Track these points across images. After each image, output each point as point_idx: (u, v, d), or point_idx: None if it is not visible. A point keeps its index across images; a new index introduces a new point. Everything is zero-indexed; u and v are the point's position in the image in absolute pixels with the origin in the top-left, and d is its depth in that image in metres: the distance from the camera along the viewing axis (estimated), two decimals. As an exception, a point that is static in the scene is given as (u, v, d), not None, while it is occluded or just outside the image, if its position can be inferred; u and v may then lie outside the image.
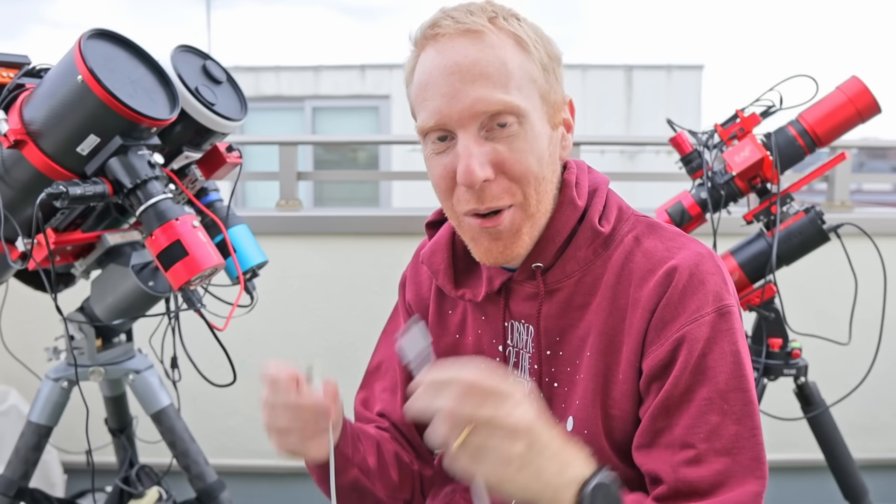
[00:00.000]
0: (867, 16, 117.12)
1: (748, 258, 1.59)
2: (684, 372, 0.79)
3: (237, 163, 1.42)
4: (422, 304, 1.03)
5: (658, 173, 2.62)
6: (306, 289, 2.28)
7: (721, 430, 0.78)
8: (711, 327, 0.80)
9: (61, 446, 1.81)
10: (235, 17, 18.53)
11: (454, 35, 0.79)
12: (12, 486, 1.42)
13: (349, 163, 8.06)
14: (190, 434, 1.49)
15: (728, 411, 0.79)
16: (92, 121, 1.10)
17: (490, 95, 0.78)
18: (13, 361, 1.56)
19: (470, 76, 0.78)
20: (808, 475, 2.14)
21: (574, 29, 26.36)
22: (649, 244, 0.86)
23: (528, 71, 0.81)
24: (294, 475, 2.29)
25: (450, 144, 0.81)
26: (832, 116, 1.53)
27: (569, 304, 0.88)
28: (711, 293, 0.81)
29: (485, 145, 0.80)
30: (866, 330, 1.63)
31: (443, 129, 0.80)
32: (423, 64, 0.82)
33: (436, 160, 0.83)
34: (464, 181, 0.79)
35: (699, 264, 0.82)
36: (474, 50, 0.78)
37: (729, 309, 0.81)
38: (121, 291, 1.35)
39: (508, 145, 0.80)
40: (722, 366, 0.79)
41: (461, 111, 0.78)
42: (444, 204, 0.87)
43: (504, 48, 0.79)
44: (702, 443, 0.78)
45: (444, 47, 0.80)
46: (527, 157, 0.81)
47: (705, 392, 0.79)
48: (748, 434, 0.79)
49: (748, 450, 0.79)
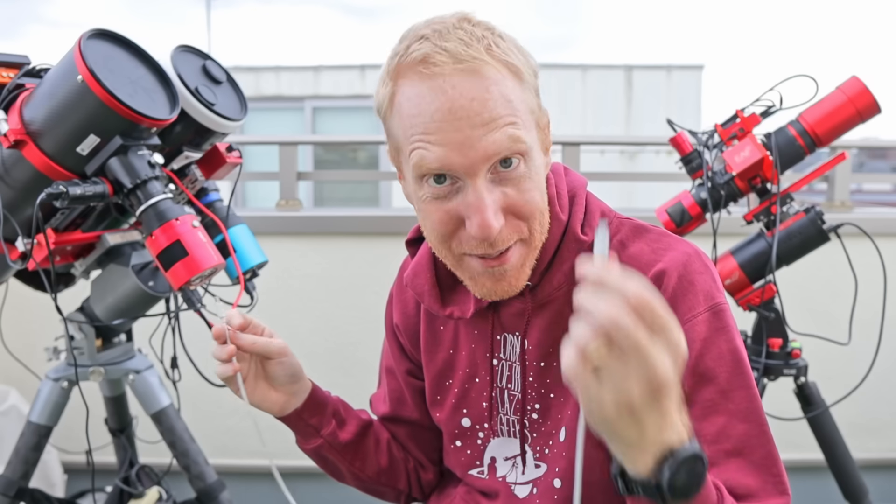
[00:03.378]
0: (867, 16, 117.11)
1: (748, 258, 1.59)
2: (685, 375, 0.75)
3: (237, 163, 1.42)
4: (409, 322, 1.01)
5: (658, 173, 2.61)
6: (306, 289, 2.28)
7: (728, 430, 0.77)
8: (706, 326, 0.79)
9: (61, 446, 1.81)
10: (235, 17, 18.55)
11: (452, 74, 0.73)
12: (12, 486, 1.42)
13: (349, 163, 8.06)
14: (190, 434, 1.49)
15: (734, 410, 0.77)
16: (92, 121, 1.10)
17: (502, 140, 0.73)
18: (13, 361, 1.56)
19: (480, 121, 0.72)
20: (808, 475, 2.14)
21: (574, 29, 26.38)
22: (634, 248, 0.85)
23: (527, 102, 0.77)
24: (294, 475, 2.29)
25: (451, 188, 0.76)
26: (832, 116, 1.53)
27: (560, 315, 0.87)
28: (702, 293, 0.80)
29: (494, 191, 0.76)
30: (866, 330, 1.63)
31: (447, 171, 0.75)
32: (418, 101, 0.74)
33: (435, 205, 0.78)
34: (481, 235, 0.75)
35: (687, 265, 0.81)
36: (479, 90, 0.73)
37: (721, 307, 0.80)
38: (121, 291, 1.35)
39: (516, 186, 0.76)
40: (721, 365, 0.78)
41: (474, 160, 0.73)
42: (439, 247, 0.82)
43: (504, 83, 0.74)
44: (709, 445, 0.76)
45: (443, 87, 0.73)
46: (534, 195, 0.78)
47: (707, 394, 0.78)
48: (757, 431, 0.78)
49: (759, 447, 0.77)
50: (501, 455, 0.95)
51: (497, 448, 0.95)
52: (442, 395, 0.98)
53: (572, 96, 8.62)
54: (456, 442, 0.98)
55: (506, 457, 0.94)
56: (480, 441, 0.96)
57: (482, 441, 0.96)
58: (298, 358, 0.97)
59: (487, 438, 0.95)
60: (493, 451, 0.95)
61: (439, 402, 0.99)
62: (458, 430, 0.97)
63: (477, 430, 0.96)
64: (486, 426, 0.95)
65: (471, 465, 0.97)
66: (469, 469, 0.98)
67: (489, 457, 0.96)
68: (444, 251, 0.82)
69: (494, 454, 0.95)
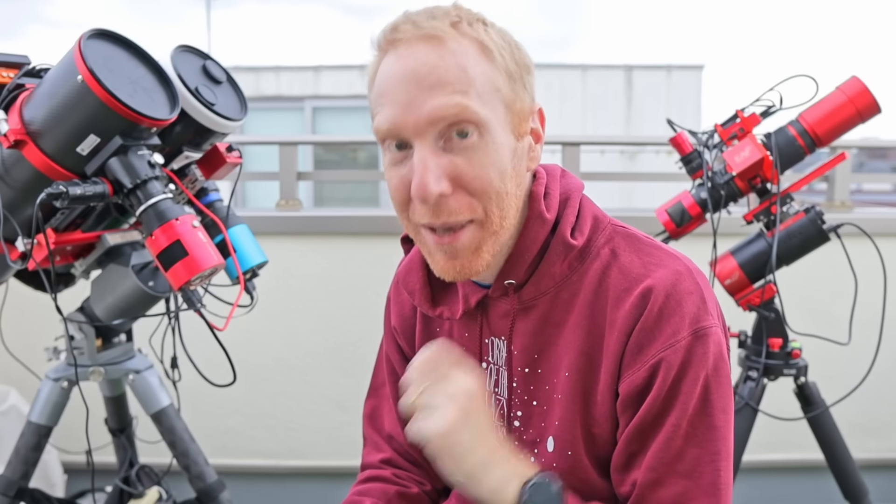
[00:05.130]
0: (867, 16, 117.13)
1: (748, 258, 1.59)
2: (658, 398, 0.79)
3: (237, 163, 1.42)
4: (406, 324, 1.01)
5: (658, 173, 2.61)
6: (306, 289, 2.28)
7: (683, 453, 0.79)
8: (686, 352, 0.78)
9: (61, 446, 1.81)
10: (235, 17, 18.56)
11: (413, 40, 0.75)
12: (12, 486, 1.42)
13: (349, 163, 8.05)
14: (190, 434, 1.49)
15: (692, 435, 0.79)
16: (92, 121, 1.10)
17: (447, 102, 0.74)
18: (13, 361, 1.56)
19: (427, 84, 0.74)
20: (808, 475, 2.14)
21: (574, 29, 26.39)
22: (626, 259, 0.83)
23: (492, 79, 0.76)
24: (294, 475, 2.29)
25: (407, 154, 0.77)
26: (832, 116, 1.53)
27: (546, 320, 0.86)
28: (688, 316, 0.79)
29: (442, 157, 0.75)
30: (866, 330, 1.63)
31: (397, 138, 0.77)
32: (384, 69, 0.77)
33: (393, 171, 0.79)
34: (418, 195, 0.75)
35: (676, 284, 0.80)
36: (433, 56, 0.74)
37: (706, 331, 0.79)
38: (121, 291, 1.35)
39: (468, 158, 0.76)
40: (692, 392, 0.79)
41: (416, 120, 0.74)
42: (400, 216, 0.82)
43: (466, 55, 0.75)
44: (664, 466, 0.79)
45: (403, 53, 0.76)
46: (487, 170, 0.76)
47: (673, 418, 0.79)
48: (708, 459, 0.79)
49: (707, 474, 0.78)
50: None
51: None
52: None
53: (572, 96, 8.61)
54: None
55: None
56: None
57: None
58: (298, 358, 0.97)
59: None
60: None
61: None
62: None
63: None
64: None
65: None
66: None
67: None
68: (405, 222, 0.83)
69: None
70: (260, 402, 2.28)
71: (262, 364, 2.26)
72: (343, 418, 2.27)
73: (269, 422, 2.29)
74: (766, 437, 1.87)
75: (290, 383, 2.27)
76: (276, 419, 2.28)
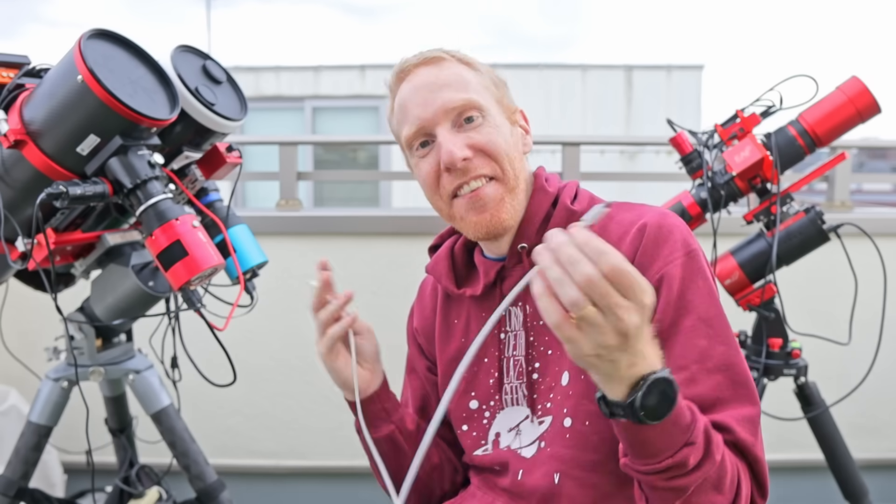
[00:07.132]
0: (867, 16, 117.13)
1: (748, 258, 1.59)
2: (668, 307, 0.88)
3: (237, 163, 1.42)
4: (426, 323, 1.14)
5: (658, 173, 2.61)
6: (306, 289, 2.27)
7: (710, 351, 0.87)
8: (684, 268, 0.90)
9: (61, 446, 1.81)
10: (235, 17, 18.56)
11: (418, 66, 0.99)
12: (12, 486, 1.42)
13: (349, 163, 8.06)
14: (190, 434, 1.49)
15: (713, 335, 0.88)
16: (92, 121, 1.10)
17: (454, 97, 0.96)
18: (13, 361, 1.56)
19: (436, 87, 0.97)
20: (808, 475, 2.14)
21: (574, 29, 26.41)
22: (620, 217, 0.97)
23: (482, 82, 0.99)
24: (294, 475, 2.29)
25: (431, 147, 0.97)
26: (832, 116, 1.53)
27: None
28: (679, 240, 0.92)
29: (459, 135, 0.96)
30: (866, 330, 1.63)
31: (423, 132, 0.97)
32: (400, 94, 0.99)
33: (423, 163, 0.98)
34: (447, 162, 0.94)
35: (664, 217, 0.94)
36: (436, 70, 0.98)
37: (696, 252, 0.92)
38: (121, 291, 1.35)
39: (478, 131, 0.96)
40: (700, 298, 0.89)
41: (435, 112, 0.96)
42: (432, 199, 1.00)
43: (459, 68, 0.99)
44: (694, 364, 0.86)
45: (412, 77, 0.99)
46: (495, 137, 0.96)
47: (689, 321, 0.88)
48: (735, 352, 0.88)
49: (736, 366, 0.87)
50: (505, 427, 1.02)
51: (501, 421, 1.02)
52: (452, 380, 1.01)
53: (572, 96, 8.61)
54: (463, 426, 1.06)
55: (509, 427, 1.02)
56: (486, 420, 1.04)
57: (487, 420, 1.04)
58: (298, 358, 0.98)
59: (493, 416, 1.03)
60: (498, 426, 1.03)
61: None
62: (466, 413, 1.05)
63: (483, 409, 1.04)
64: (491, 403, 1.03)
65: (476, 447, 1.05)
66: (474, 450, 1.05)
67: (493, 433, 1.03)
68: (437, 200, 1.00)
69: (499, 429, 1.03)
70: (260, 401, 2.28)
71: (262, 364, 2.26)
72: (343, 418, 2.25)
73: (269, 422, 2.29)
74: (766, 437, 1.86)
75: (290, 383, 2.27)
76: (276, 419, 2.28)
